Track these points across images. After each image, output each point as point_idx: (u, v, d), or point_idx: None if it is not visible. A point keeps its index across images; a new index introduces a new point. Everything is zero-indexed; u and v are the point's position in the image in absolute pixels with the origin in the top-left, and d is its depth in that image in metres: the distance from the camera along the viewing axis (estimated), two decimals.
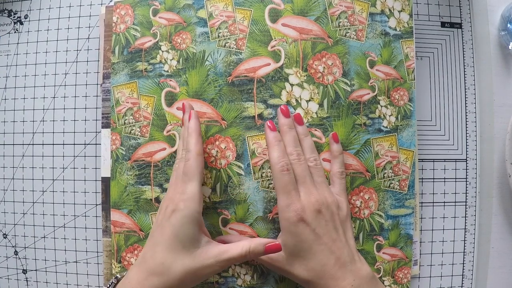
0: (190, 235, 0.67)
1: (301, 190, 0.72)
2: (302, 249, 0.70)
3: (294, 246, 0.70)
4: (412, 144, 0.83)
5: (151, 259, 0.67)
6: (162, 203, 0.72)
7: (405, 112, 0.82)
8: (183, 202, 0.67)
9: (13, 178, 0.88)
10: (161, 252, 0.66)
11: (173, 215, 0.67)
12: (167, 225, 0.67)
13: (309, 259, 0.70)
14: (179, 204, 0.67)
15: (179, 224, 0.66)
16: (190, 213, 0.67)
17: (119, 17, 0.82)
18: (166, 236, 0.67)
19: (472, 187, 0.87)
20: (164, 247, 0.66)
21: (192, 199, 0.67)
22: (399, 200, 0.82)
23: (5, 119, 0.88)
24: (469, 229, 0.87)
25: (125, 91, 0.81)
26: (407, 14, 0.83)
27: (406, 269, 0.83)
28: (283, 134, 0.76)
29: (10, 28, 0.89)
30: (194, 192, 0.68)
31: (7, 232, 0.87)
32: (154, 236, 0.69)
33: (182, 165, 0.71)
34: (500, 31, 0.87)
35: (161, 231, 0.68)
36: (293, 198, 0.71)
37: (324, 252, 0.69)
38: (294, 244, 0.70)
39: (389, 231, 0.82)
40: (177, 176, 0.71)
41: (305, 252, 0.70)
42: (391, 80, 0.82)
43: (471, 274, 0.86)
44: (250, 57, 0.80)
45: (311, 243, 0.69)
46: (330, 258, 0.69)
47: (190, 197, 0.68)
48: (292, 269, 0.71)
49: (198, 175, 0.69)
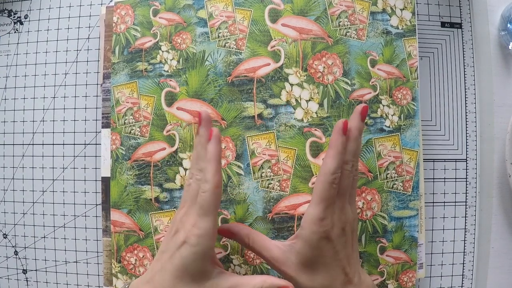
0: (201, 269, 0.63)
1: (336, 203, 0.67)
2: (316, 262, 0.67)
3: (310, 258, 0.67)
4: (416, 144, 0.82)
5: (159, 284, 0.64)
6: (172, 225, 0.68)
7: (408, 111, 0.82)
8: (196, 238, 0.62)
9: (13, 178, 0.88)
10: (169, 281, 0.63)
11: (183, 248, 0.63)
12: (177, 255, 0.63)
13: (320, 273, 0.67)
14: (191, 238, 0.62)
15: (190, 259, 0.62)
16: (202, 251, 0.62)
17: (119, 17, 0.82)
18: (175, 266, 0.63)
19: (472, 187, 0.87)
20: (174, 276, 0.63)
21: (205, 236, 0.62)
22: (403, 201, 0.82)
23: (5, 119, 0.88)
24: (469, 229, 0.87)
25: (125, 91, 0.81)
26: (409, 12, 0.83)
27: (411, 272, 0.82)
28: (351, 139, 0.68)
29: (10, 28, 0.89)
30: (208, 228, 0.62)
31: (7, 232, 0.87)
32: (162, 260, 0.66)
33: (196, 188, 0.65)
34: (500, 31, 0.87)
35: (170, 258, 0.64)
36: (328, 213, 0.66)
37: (337, 269, 0.67)
38: (311, 256, 0.67)
39: (393, 233, 0.82)
40: (190, 198, 0.66)
41: (318, 265, 0.67)
42: (393, 79, 0.82)
43: (471, 274, 0.86)
44: (250, 57, 0.80)
45: (328, 259, 0.66)
46: (340, 275, 0.67)
47: (203, 233, 0.62)
48: (297, 277, 0.68)
49: (214, 209, 0.63)
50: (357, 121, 0.68)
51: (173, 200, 0.80)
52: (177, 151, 0.80)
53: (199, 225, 0.63)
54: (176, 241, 0.64)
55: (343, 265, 0.67)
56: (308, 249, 0.67)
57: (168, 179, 0.80)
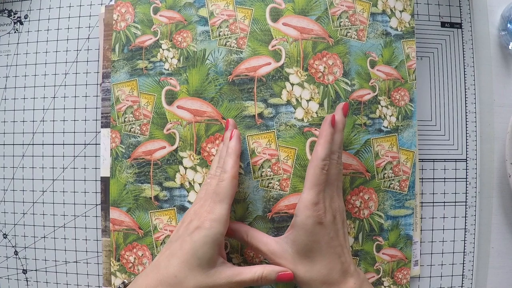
0: (209, 255, 0.66)
1: (326, 192, 0.72)
2: (312, 250, 0.69)
3: (306, 245, 0.70)
4: (413, 145, 0.83)
5: (165, 269, 0.66)
6: (185, 217, 0.72)
7: (406, 112, 0.82)
8: (210, 222, 0.67)
9: (13, 178, 0.88)
10: (176, 265, 0.66)
11: (196, 232, 0.67)
12: (188, 240, 0.67)
13: (317, 261, 0.69)
14: (205, 222, 0.67)
15: (201, 242, 0.66)
16: (214, 234, 0.66)
17: (119, 14, 0.82)
18: (185, 250, 0.66)
19: (472, 187, 0.87)
20: (180, 260, 0.66)
21: (219, 221, 0.67)
22: (399, 200, 0.82)
23: (5, 119, 0.88)
24: (469, 229, 0.87)
25: (125, 89, 0.81)
26: (408, 14, 0.83)
27: (405, 269, 0.83)
28: (336, 130, 0.74)
29: (10, 28, 0.89)
30: (222, 214, 0.68)
31: (7, 232, 0.87)
32: (172, 248, 0.68)
33: (215, 183, 0.71)
34: (500, 31, 0.87)
35: (181, 244, 0.67)
36: (320, 198, 0.70)
37: (333, 257, 0.69)
38: (306, 243, 0.69)
39: (389, 232, 0.82)
40: (207, 193, 0.71)
41: (315, 253, 0.69)
42: (392, 80, 0.82)
43: (471, 274, 0.86)
44: (251, 56, 0.80)
45: (323, 245, 0.69)
46: (337, 263, 0.69)
47: (217, 218, 0.67)
48: (295, 269, 0.70)
49: (230, 197, 0.69)
50: (340, 115, 0.75)
51: (173, 199, 0.80)
52: (177, 150, 0.80)
53: (213, 211, 0.68)
54: (189, 228, 0.68)
55: (338, 253, 0.70)
56: (304, 235, 0.69)
57: (168, 177, 0.80)
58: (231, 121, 0.78)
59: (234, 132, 0.74)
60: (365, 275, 0.75)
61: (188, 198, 0.80)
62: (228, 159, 0.71)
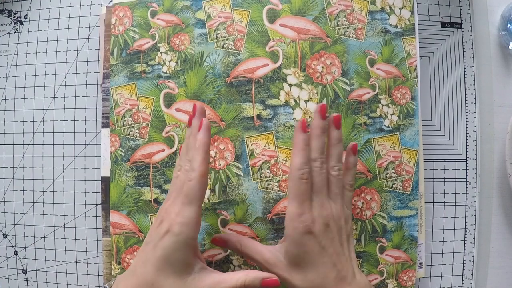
0: (182, 261, 0.64)
1: (314, 200, 0.69)
2: (304, 260, 0.68)
3: (297, 255, 0.69)
4: (416, 144, 0.82)
5: (141, 276, 0.64)
6: (158, 214, 0.69)
7: (408, 110, 0.82)
8: (179, 226, 0.63)
9: (13, 178, 0.88)
10: (151, 272, 0.64)
11: (166, 237, 0.64)
12: (159, 245, 0.64)
13: (310, 271, 0.68)
14: (173, 226, 0.64)
15: (171, 248, 0.63)
16: (184, 240, 0.63)
17: (117, 19, 0.82)
18: (157, 257, 0.64)
19: (472, 187, 0.87)
20: (155, 267, 0.63)
21: (188, 225, 0.63)
22: (403, 201, 0.82)
23: (5, 119, 0.88)
24: (469, 229, 0.87)
25: (124, 93, 0.81)
26: (408, 11, 0.83)
27: (410, 271, 0.82)
28: (313, 137, 0.72)
29: (10, 28, 0.89)
30: (191, 217, 0.64)
31: (7, 232, 0.88)
32: (146, 251, 0.66)
33: (183, 178, 0.67)
34: (500, 31, 0.87)
35: (153, 249, 0.65)
36: (305, 208, 0.68)
37: (327, 265, 0.68)
38: (297, 254, 0.68)
39: (392, 233, 0.82)
40: (176, 189, 0.68)
41: (307, 263, 0.68)
42: (393, 78, 0.82)
43: (471, 274, 0.86)
44: (249, 57, 0.80)
45: (315, 255, 0.68)
46: (332, 271, 0.68)
47: (186, 221, 0.63)
48: (290, 278, 0.69)
49: (199, 198, 0.65)
50: (316, 120, 0.72)
51: None
52: (176, 153, 0.80)
53: (182, 214, 0.64)
54: (160, 231, 0.65)
55: (333, 261, 0.68)
56: (294, 247, 0.68)
57: (168, 180, 0.80)
58: (198, 107, 0.72)
59: (203, 121, 0.68)
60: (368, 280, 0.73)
61: None
62: (196, 155, 0.67)
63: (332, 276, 0.67)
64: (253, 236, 0.79)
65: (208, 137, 0.68)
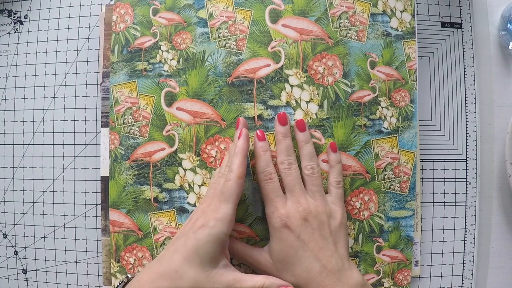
0: (211, 254, 0.67)
1: (288, 198, 0.75)
2: (287, 255, 0.72)
3: (280, 251, 0.73)
4: (414, 146, 0.82)
5: (167, 264, 0.67)
6: (193, 214, 0.73)
7: (406, 113, 0.82)
8: (214, 221, 0.67)
9: (13, 178, 0.88)
10: (178, 260, 0.66)
11: (200, 230, 0.67)
12: (192, 237, 0.67)
13: (295, 265, 0.72)
14: (209, 221, 0.68)
15: (204, 240, 0.66)
16: (217, 233, 0.67)
17: (118, 16, 0.82)
18: (188, 247, 0.67)
19: (472, 187, 0.87)
20: (183, 256, 0.66)
21: (223, 220, 0.68)
22: (400, 202, 0.82)
23: (5, 119, 0.88)
24: (469, 229, 0.87)
25: (124, 91, 0.81)
26: (409, 14, 0.83)
27: (406, 271, 0.83)
28: (276, 142, 0.79)
29: (10, 28, 0.89)
30: (227, 213, 0.68)
31: (7, 232, 0.87)
32: (176, 244, 0.69)
33: (222, 182, 0.71)
34: (500, 31, 0.87)
35: (185, 241, 0.68)
36: (276, 205, 0.74)
37: (309, 259, 0.71)
38: (280, 249, 0.73)
39: (389, 233, 0.82)
40: (215, 192, 0.72)
41: (290, 258, 0.72)
42: (392, 81, 0.82)
43: (471, 274, 0.86)
44: (250, 57, 0.80)
45: (296, 249, 0.72)
46: (315, 265, 0.71)
47: (221, 217, 0.68)
48: (279, 275, 0.73)
49: (235, 197, 0.70)
50: (276, 127, 0.79)
51: (172, 201, 0.80)
52: (177, 152, 0.80)
53: (218, 210, 0.69)
54: (194, 226, 0.69)
55: (315, 256, 0.72)
56: (275, 243, 0.74)
57: (167, 179, 0.80)
58: (241, 120, 0.78)
59: (242, 131, 0.74)
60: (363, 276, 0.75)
61: (187, 200, 0.80)
62: (234, 159, 0.72)
63: (316, 269, 0.71)
64: (253, 236, 0.80)
65: (246, 143, 0.74)
